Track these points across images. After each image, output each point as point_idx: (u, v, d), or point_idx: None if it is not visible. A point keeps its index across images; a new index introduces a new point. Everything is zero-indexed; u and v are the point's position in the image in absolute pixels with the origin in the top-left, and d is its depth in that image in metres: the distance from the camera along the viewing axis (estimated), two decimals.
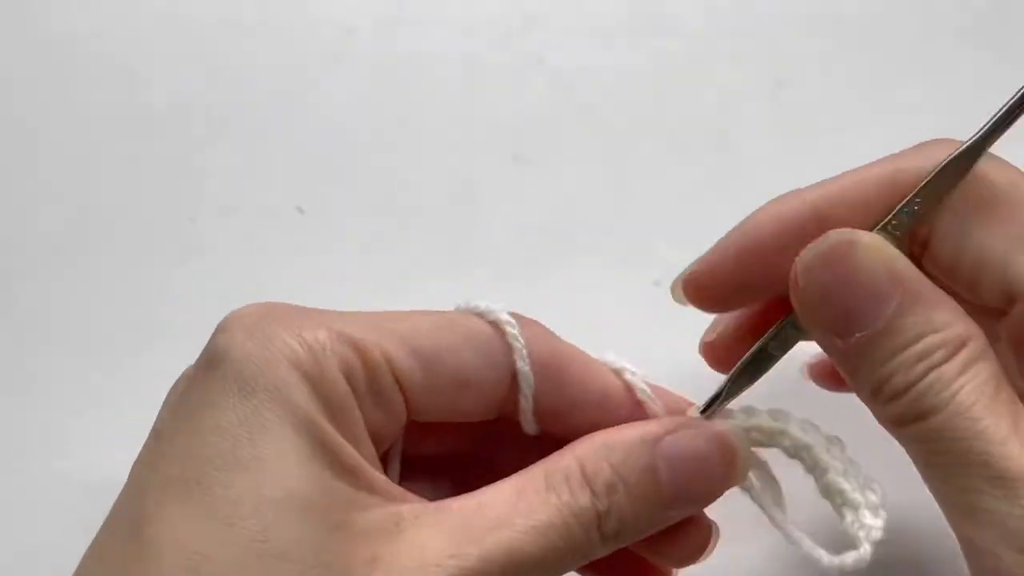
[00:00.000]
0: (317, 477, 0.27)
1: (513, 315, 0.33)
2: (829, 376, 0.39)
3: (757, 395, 0.34)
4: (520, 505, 0.29)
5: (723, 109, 0.56)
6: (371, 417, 0.30)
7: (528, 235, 0.53)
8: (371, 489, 0.28)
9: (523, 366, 0.32)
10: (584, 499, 0.29)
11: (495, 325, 0.33)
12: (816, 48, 0.58)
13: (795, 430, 0.32)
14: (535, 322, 0.33)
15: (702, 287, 0.35)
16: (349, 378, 0.29)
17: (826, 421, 0.34)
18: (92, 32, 0.57)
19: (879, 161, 0.34)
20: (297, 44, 0.57)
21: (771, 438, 0.33)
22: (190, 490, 0.26)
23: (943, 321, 0.30)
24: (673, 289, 0.36)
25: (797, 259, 0.31)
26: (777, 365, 0.34)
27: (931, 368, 0.29)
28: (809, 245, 0.31)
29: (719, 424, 0.33)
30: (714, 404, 0.34)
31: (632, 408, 0.33)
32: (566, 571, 0.31)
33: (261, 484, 0.26)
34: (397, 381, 0.30)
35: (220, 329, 0.29)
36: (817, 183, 0.34)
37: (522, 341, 0.32)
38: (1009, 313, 0.31)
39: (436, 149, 0.55)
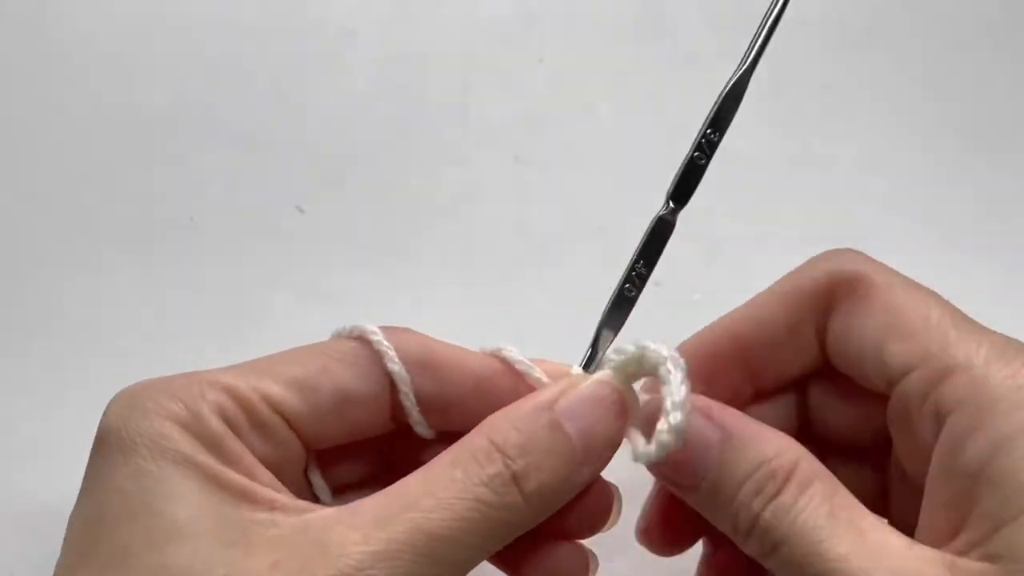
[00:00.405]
0: (207, 505, 0.29)
1: (382, 328, 0.34)
2: (655, 535, 0.40)
3: None
4: (427, 488, 0.30)
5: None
6: (261, 448, 0.32)
7: (528, 235, 0.53)
8: (271, 508, 0.30)
9: (394, 367, 0.34)
10: (493, 467, 0.30)
11: (361, 338, 0.34)
12: (816, 48, 0.58)
13: (650, 352, 0.33)
14: (404, 328, 0.35)
15: None
16: (226, 418, 0.31)
17: None
18: (92, 32, 0.57)
19: (780, 280, 0.37)
20: (297, 44, 0.57)
21: (639, 365, 0.34)
22: (92, 550, 0.29)
23: (768, 452, 0.31)
24: None
25: None
26: None
27: (767, 501, 0.31)
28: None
29: (598, 373, 0.34)
30: (590, 360, 0.36)
31: (514, 383, 0.35)
32: (498, 543, 0.31)
33: (151, 525, 0.28)
34: (278, 412, 0.32)
35: (103, 413, 0.31)
36: (731, 311, 0.37)
37: (388, 344, 0.33)
38: (890, 396, 0.33)
39: (436, 149, 0.55)
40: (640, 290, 0.36)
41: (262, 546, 0.28)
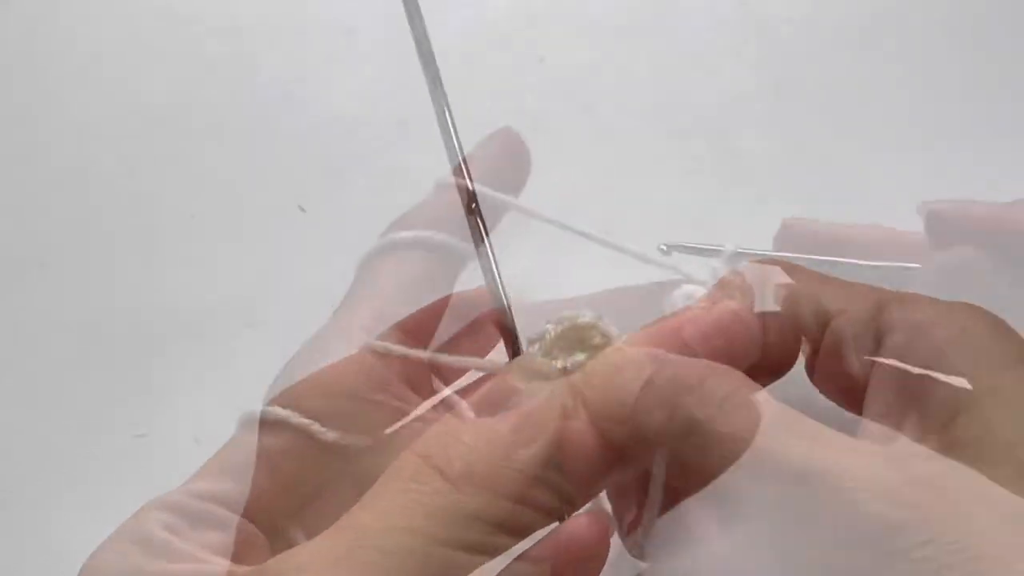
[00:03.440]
0: None
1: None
2: None
3: None
4: (369, 510, 0.28)
5: (723, 109, 0.56)
6: (212, 536, 0.31)
7: (528, 235, 0.53)
8: None
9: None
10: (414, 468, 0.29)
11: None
12: (816, 48, 0.58)
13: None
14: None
15: None
16: (167, 526, 0.30)
17: None
18: (93, 32, 0.57)
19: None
20: (297, 44, 0.58)
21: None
22: None
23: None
24: None
25: None
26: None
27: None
28: None
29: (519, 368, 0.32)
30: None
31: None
32: (441, 528, 0.29)
33: None
34: (215, 502, 0.32)
35: None
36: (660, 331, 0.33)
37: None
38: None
39: (436, 149, 0.55)
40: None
41: None
